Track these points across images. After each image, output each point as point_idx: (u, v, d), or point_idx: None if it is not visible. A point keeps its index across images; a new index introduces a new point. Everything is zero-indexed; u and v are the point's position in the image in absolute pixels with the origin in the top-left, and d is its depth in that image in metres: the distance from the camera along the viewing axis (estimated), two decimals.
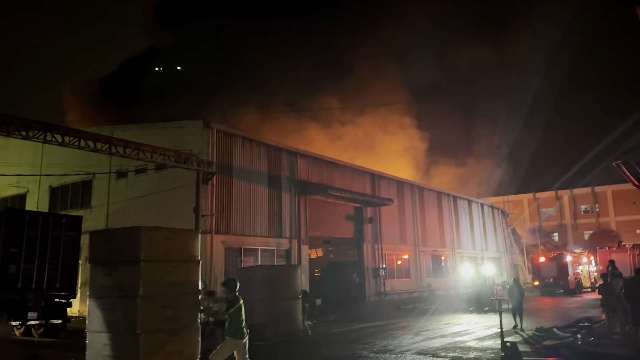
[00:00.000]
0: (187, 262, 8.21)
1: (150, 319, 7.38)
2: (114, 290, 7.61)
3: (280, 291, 13.89)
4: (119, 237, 8.14)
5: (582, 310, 20.82)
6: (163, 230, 8.39)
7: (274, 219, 21.65)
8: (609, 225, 62.20)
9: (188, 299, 7.94)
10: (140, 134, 19.97)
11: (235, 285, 7.66)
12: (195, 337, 7.95)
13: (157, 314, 7.48)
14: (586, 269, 36.35)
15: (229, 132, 20.64)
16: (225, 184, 19.68)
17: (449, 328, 16.08)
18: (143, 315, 7.29)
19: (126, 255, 7.65)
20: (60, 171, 22.70)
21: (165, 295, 7.64)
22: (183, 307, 7.83)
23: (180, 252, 8.10)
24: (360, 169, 28.49)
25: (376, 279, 26.88)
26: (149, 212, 19.88)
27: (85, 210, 22.70)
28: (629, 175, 16.69)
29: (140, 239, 7.62)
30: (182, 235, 8.57)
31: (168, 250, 7.91)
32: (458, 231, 37.05)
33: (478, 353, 11.10)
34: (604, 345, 11.13)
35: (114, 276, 7.67)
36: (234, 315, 7.37)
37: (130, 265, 7.52)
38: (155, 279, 7.56)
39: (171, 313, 7.64)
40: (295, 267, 15.79)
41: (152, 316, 7.42)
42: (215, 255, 18.64)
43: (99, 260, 8.02)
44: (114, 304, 7.56)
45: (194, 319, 8.01)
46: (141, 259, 7.44)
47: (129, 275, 7.49)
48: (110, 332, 7.50)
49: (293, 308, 14.26)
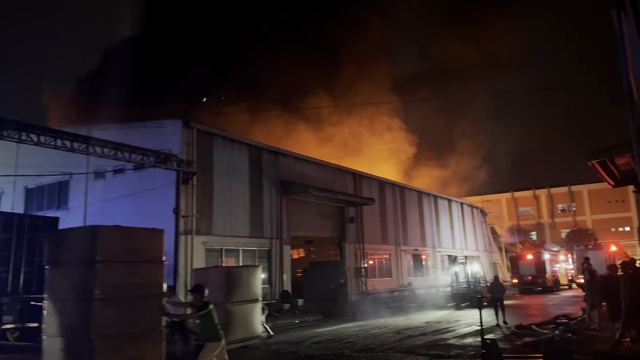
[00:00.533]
0: (151, 262, 7.79)
1: (107, 323, 7.01)
2: (70, 292, 7.25)
3: (236, 294, 12.80)
4: (76, 238, 7.78)
5: (559, 307, 21.17)
6: (124, 229, 7.98)
7: (255, 219, 21.55)
8: (585, 223, 63.44)
9: (151, 302, 7.55)
10: (119, 134, 19.66)
11: (204, 291, 7.51)
12: (159, 341, 7.61)
13: (115, 317, 7.09)
14: (563, 266, 37.02)
15: (209, 131, 20.48)
16: (205, 184, 19.52)
17: (430, 326, 16.19)
18: (99, 319, 6.94)
19: (82, 256, 7.26)
20: (36, 171, 22.21)
21: (125, 298, 7.25)
22: (145, 310, 7.44)
23: (143, 252, 7.69)
24: (342, 168, 28.54)
25: (358, 279, 26.94)
26: (128, 213, 19.59)
27: (62, 212, 22.26)
28: (604, 175, 17.03)
29: (97, 239, 7.24)
30: (145, 234, 8.07)
31: (130, 251, 7.52)
32: (438, 230, 37.39)
33: (459, 350, 11.20)
34: (581, 341, 11.32)
35: (70, 278, 7.31)
36: (206, 319, 7.21)
37: (86, 267, 7.14)
38: (113, 281, 7.18)
39: (132, 317, 7.26)
40: (255, 268, 14.48)
41: (110, 320, 7.04)
42: (196, 256, 18.47)
43: (56, 261, 7.66)
44: (70, 307, 7.20)
45: (158, 322, 7.65)
46: (97, 260, 7.07)
47: (85, 276, 7.12)
48: (65, 337, 7.14)
49: (250, 312, 13.17)
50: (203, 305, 7.31)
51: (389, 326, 16.63)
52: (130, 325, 7.19)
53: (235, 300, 12.62)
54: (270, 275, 21.82)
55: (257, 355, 12.07)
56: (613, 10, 12.15)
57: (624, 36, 11.85)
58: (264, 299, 20.97)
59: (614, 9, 12.16)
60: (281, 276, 22.14)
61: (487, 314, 14.47)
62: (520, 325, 14.59)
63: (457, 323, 16.75)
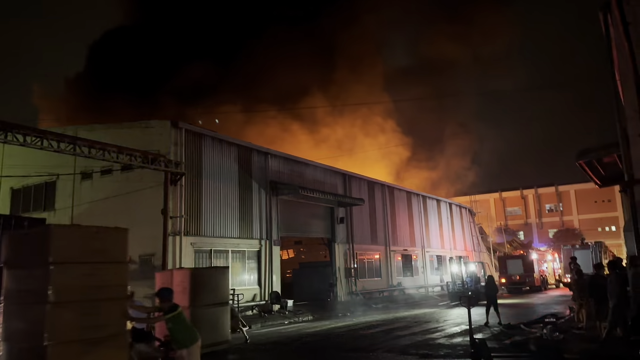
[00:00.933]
0: (114, 264, 7.30)
1: (62, 328, 6.57)
2: (25, 295, 6.87)
3: (203, 297, 12.06)
4: (32, 238, 7.41)
5: (547, 306, 21.35)
6: (83, 229, 7.54)
7: (244, 220, 21.48)
8: (572, 223, 64.09)
9: (114, 305, 7.08)
10: (106, 134, 19.52)
11: (169, 294, 7.23)
12: (123, 347, 7.21)
13: (72, 322, 6.63)
14: (551, 266, 37.34)
15: (198, 132, 20.38)
16: (194, 184, 19.42)
17: (419, 326, 16.23)
18: (53, 324, 6.50)
19: (37, 256, 6.87)
20: (22, 172, 21.97)
21: (83, 302, 6.80)
22: (107, 314, 6.96)
23: (105, 252, 7.19)
24: (332, 169, 28.55)
25: (348, 279, 26.96)
26: (116, 214, 19.43)
27: (48, 213, 22.05)
28: (591, 175, 17.22)
29: (50, 239, 6.80)
30: (108, 234, 7.53)
31: (89, 251, 7.05)
32: (427, 230, 37.55)
33: (448, 350, 11.23)
34: (569, 340, 11.41)
35: (25, 280, 6.95)
36: (177, 322, 6.94)
37: (40, 268, 6.74)
38: (70, 283, 6.73)
39: (92, 321, 6.79)
40: (224, 269, 13.65)
41: (66, 325, 6.60)
42: (185, 257, 18.37)
43: (12, 263, 7.29)
44: (26, 311, 6.82)
45: (121, 327, 7.21)
46: (51, 260, 6.66)
47: (39, 278, 6.70)
48: (19, 343, 6.83)
49: (219, 316, 12.43)
50: (171, 308, 7.02)
51: (378, 326, 16.65)
52: (90, 330, 6.74)
53: (202, 304, 11.91)
54: (260, 276, 21.77)
55: None
56: (600, 12, 12.31)
57: (610, 38, 11.99)
58: (253, 300, 20.98)
59: (600, 11, 12.32)
60: (271, 277, 22.09)
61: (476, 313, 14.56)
62: (508, 324, 14.69)
63: (446, 322, 16.81)
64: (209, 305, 12.14)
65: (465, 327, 13.90)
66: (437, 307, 22.48)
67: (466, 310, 10.80)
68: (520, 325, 14.32)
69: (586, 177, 17.87)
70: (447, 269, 39.14)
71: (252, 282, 21.49)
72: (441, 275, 37.94)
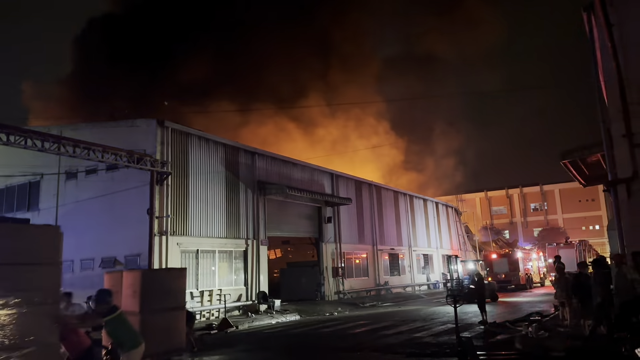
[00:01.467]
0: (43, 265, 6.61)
1: None
2: None
3: (155, 301, 10.98)
4: None
5: (532, 304, 21.55)
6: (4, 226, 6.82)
7: (231, 219, 21.38)
8: (556, 222, 64.87)
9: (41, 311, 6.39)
10: (91, 133, 19.31)
11: (106, 296, 6.78)
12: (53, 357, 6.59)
13: None
14: (536, 264, 37.71)
15: (184, 131, 20.24)
16: (180, 184, 19.29)
17: (406, 325, 16.29)
18: None
19: None
20: (6, 172, 21.65)
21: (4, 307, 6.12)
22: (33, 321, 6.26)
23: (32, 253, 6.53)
24: (320, 168, 28.54)
25: (335, 278, 26.99)
26: (101, 214, 19.26)
27: (32, 213, 21.75)
28: (575, 174, 17.42)
29: None
30: (36, 232, 6.87)
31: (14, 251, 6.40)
32: (414, 229, 37.74)
33: (434, 349, 11.27)
34: (554, 338, 11.52)
35: None
36: (118, 324, 6.49)
37: None
38: None
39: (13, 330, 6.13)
40: (181, 270, 12.63)
41: None
42: (171, 257, 18.22)
43: None
44: None
45: (51, 335, 6.53)
46: None
47: None
48: None
49: (172, 322, 11.41)
50: (110, 310, 6.54)
51: (365, 325, 16.68)
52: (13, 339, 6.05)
53: (153, 308, 10.78)
54: (247, 276, 21.68)
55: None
56: (584, 13, 12.45)
57: (594, 39, 12.14)
58: (239, 300, 20.90)
59: (584, 12, 12.46)
60: (258, 277, 22.02)
61: (470, 310, 14.66)
62: (494, 322, 14.80)
63: (432, 321, 16.90)
64: (162, 311, 10.95)
65: (451, 325, 13.98)
66: (424, 305, 22.58)
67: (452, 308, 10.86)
68: (505, 323, 14.43)
69: (570, 176, 18.08)
70: (434, 267, 39.40)
71: (239, 282, 21.41)
72: (428, 274, 38.14)
